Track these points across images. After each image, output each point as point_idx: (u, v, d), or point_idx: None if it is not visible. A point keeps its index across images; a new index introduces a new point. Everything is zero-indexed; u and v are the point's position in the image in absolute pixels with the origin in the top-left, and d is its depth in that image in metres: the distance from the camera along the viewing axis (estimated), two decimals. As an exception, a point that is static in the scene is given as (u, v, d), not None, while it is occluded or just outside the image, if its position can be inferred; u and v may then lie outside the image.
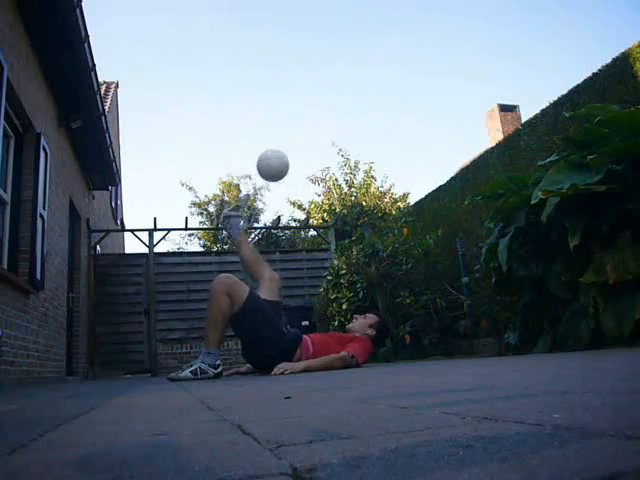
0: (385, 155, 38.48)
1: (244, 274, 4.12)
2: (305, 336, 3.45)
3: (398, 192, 12.53)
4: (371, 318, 3.71)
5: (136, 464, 0.52)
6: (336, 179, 12.17)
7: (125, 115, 27.47)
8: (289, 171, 3.56)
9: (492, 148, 6.91)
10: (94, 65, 5.30)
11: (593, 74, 5.15)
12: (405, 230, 6.30)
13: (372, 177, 11.93)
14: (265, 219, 16.79)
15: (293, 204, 13.03)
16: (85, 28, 4.78)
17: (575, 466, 0.39)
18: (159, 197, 40.05)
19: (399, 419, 0.72)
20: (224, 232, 4.36)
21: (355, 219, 10.38)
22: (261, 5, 37.97)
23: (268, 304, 3.42)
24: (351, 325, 3.75)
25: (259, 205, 16.78)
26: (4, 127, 3.87)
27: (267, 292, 3.54)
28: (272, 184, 3.80)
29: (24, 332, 4.31)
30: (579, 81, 5.31)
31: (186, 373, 3.11)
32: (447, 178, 7.74)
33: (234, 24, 37.84)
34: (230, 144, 39.90)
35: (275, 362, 3.09)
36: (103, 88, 10.02)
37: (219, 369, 3.20)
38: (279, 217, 11.82)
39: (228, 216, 3.78)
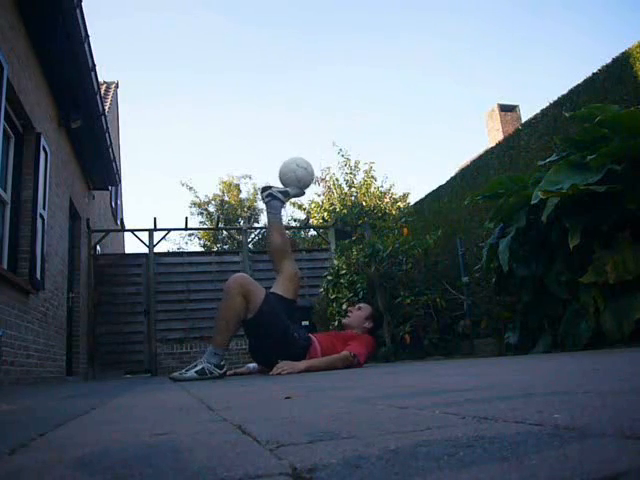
0: (385, 155, 38.53)
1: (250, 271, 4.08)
2: (313, 337, 3.42)
3: (398, 192, 12.53)
4: (366, 309, 3.69)
5: (136, 464, 0.52)
6: (336, 179, 12.17)
7: (125, 115, 27.48)
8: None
9: (492, 148, 6.91)
10: (94, 65, 5.30)
11: (593, 74, 5.15)
12: (405, 230, 6.30)
13: (372, 177, 11.93)
14: (265, 219, 16.78)
15: (293, 204, 13.03)
16: (85, 28, 4.78)
17: (575, 466, 0.39)
18: (159, 197, 40.08)
19: (399, 419, 0.72)
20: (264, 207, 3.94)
21: (355, 219, 10.38)
22: (262, 5, 37.98)
23: (282, 304, 3.36)
24: (347, 320, 3.72)
25: (259, 205, 16.80)
26: (4, 127, 3.87)
27: (283, 289, 3.45)
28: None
29: (24, 332, 4.31)
30: (579, 81, 5.31)
31: (191, 373, 3.07)
32: (447, 178, 7.75)
33: (234, 24, 37.85)
34: (231, 144, 39.90)
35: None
36: (103, 88, 10.02)
37: (224, 369, 3.18)
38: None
39: (274, 196, 3.57)
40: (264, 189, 3.68)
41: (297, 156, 3.68)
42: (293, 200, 12.99)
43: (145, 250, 8.15)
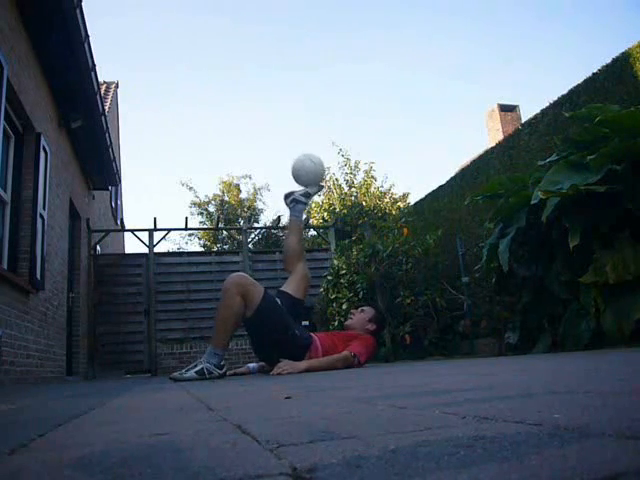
0: (385, 155, 38.52)
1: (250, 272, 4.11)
2: (314, 336, 3.43)
3: (398, 192, 12.55)
4: (369, 312, 3.70)
5: (136, 464, 0.52)
6: (336, 179, 12.17)
7: (125, 115, 27.50)
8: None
9: (492, 148, 6.92)
10: (94, 65, 5.30)
11: (593, 74, 5.16)
12: (405, 230, 6.30)
13: (372, 177, 11.94)
14: (265, 219, 16.79)
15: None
16: (85, 28, 4.78)
17: (575, 466, 0.39)
18: (159, 197, 40.09)
19: (399, 419, 0.72)
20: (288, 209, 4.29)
21: (355, 219, 10.39)
22: (261, 5, 37.98)
23: (289, 303, 3.39)
24: (349, 322, 3.73)
25: (259, 205, 16.81)
26: (4, 127, 3.87)
27: (295, 288, 3.54)
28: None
29: (24, 332, 4.31)
30: (579, 81, 5.32)
31: (191, 373, 3.07)
32: (447, 178, 7.76)
33: (234, 25, 37.85)
34: (231, 144, 39.92)
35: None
36: (103, 88, 10.02)
37: (224, 369, 3.18)
38: (279, 217, 11.78)
39: (298, 200, 3.72)
40: (287, 195, 3.81)
41: (307, 153, 3.72)
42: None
43: (145, 250, 8.15)
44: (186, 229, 9.73)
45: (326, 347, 3.34)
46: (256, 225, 15.43)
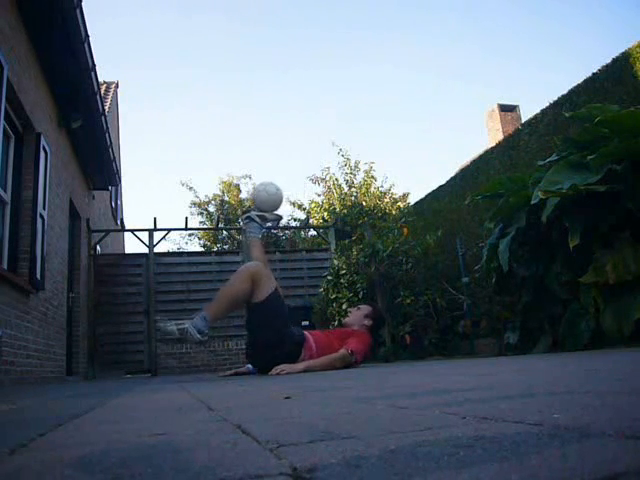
0: (385, 155, 38.47)
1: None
2: (307, 334, 3.44)
3: (398, 192, 12.52)
4: (365, 309, 3.79)
5: (136, 464, 0.52)
6: (336, 179, 12.16)
7: (125, 115, 27.50)
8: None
9: (492, 148, 6.93)
10: (94, 65, 5.30)
11: (593, 74, 5.16)
12: (405, 230, 6.30)
13: (372, 177, 11.93)
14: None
15: (293, 204, 13.04)
16: (85, 28, 4.78)
17: (575, 466, 0.39)
18: (159, 197, 40.06)
19: (399, 419, 0.72)
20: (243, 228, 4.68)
21: (355, 219, 10.38)
22: (262, 5, 37.98)
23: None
24: (347, 319, 3.82)
25: (259, 205, 16.78)
26: (4, 127, 3.87)
27: None
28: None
29: (24, 332, 4.31)
30: (579, 81, 5.32)
31: (173, 327, 3.09)
32: (447, 178, 7.76)
33: (234, 25, 37.85)
34: (231, 144, 39.91)
35: (280, 363, 3.09)
36: (103, 88, 10.01)
37: (204, 338, 3.18)
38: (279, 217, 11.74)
39: (252, 219, 3.90)
40: (244, 212, 4.02)
41: (265, 182, 3.94)
42: (293, 200, 13.04)
43: (145, 250, 8.15)
44: (186, 229, 9.72)
45: (322, 345, 3.35)
46: (256, 225, 15.42)
